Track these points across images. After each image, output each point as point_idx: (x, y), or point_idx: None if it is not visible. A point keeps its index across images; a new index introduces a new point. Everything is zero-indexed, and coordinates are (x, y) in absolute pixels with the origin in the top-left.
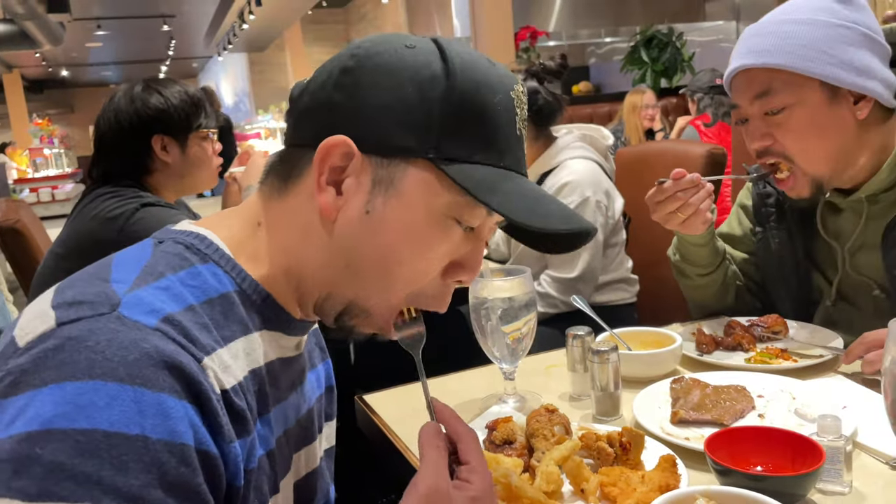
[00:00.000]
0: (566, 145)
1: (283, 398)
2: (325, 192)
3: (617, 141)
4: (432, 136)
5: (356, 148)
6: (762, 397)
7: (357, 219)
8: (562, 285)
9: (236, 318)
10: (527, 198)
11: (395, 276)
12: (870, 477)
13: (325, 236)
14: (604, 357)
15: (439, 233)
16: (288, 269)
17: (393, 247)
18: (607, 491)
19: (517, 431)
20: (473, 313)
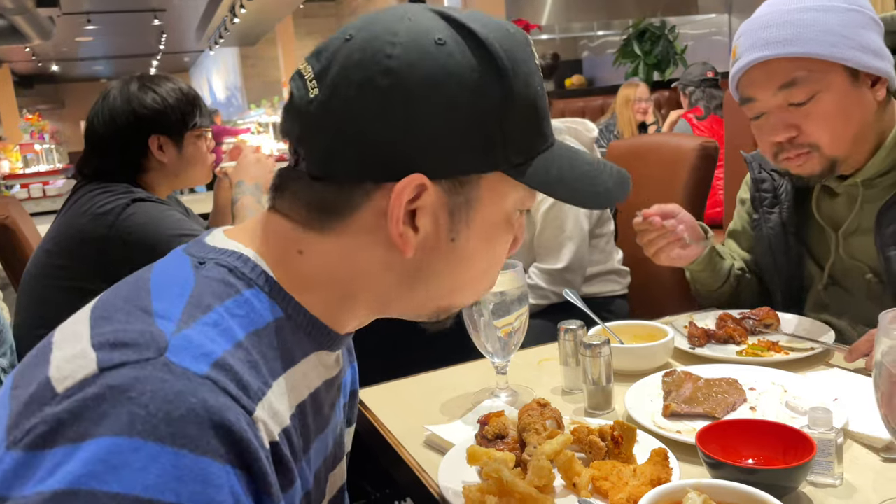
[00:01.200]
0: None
1: (325, 426)
2: (403, 236)
3: (610, 134)
4: (500, 149)
5: (427, 179)
6: (754, 390)
7: (441, 251)
8: (550, 276)
9: (285, 348)
10: (585, 176)
11: (484, 279)
12: (861, 469)
13: (398, 270)
14: (596, 351)
15: (508, 227)
16: (344, 297)
17: (481, 262)
18: (599, 485)
19: (509, 426)
20: (465, 309)
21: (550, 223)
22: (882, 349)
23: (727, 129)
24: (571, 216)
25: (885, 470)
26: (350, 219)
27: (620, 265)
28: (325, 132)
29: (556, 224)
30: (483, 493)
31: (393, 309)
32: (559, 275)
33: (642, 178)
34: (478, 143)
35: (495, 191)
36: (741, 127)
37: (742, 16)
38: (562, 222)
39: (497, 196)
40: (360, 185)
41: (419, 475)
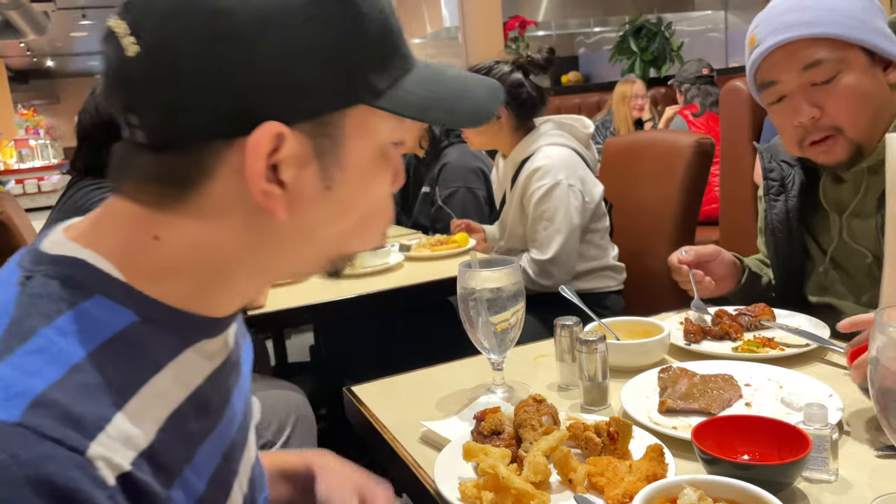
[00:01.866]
0: (544, 132)
1: (216, 423)
2: (268, 194)
3: (606, 131)
4: (358, 79)
5: (284, 126)
6: (749, 386)
7: (318, 201)
8: (537, 266)
9: (142, 356)
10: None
11: (375, 221)
12: (856, 465)
13: (274, 235)
14: (592, 347)
15: (385, 161)
16: (216, 277)
17: (364, 205)
18: (595, 481)
19: (505, 422)
20: (461, 304)
21: (540, 215)
22: (877, 345)
23: (723, 125)
24: (562, 209)
25: (880, 466)
26: (206, 188)
27: (616, 261)
28: (156, 92)
29: (546, 216)
30: (479, 489)
31: (281, 275)
32: (544, 265)
33: (638, 174)
34: (331, 76)
35: (363, 126)
36: (737, 123)
37: (738, 12)
38: (552, 214)
39: (366, 131)
40: (209, 147)
41: (415, 471)
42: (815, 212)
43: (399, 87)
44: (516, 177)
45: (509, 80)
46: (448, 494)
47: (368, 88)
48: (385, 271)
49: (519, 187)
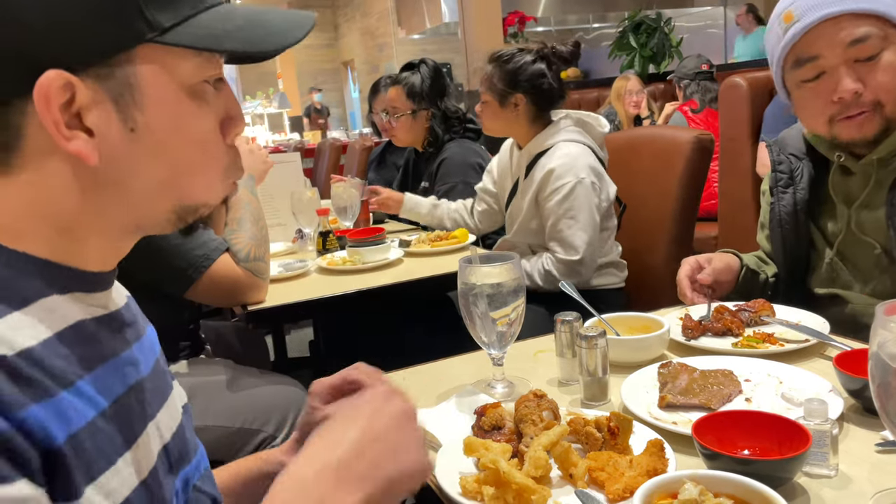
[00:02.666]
0: (563, 128)
1: (115, 353)
2: (74, 140)
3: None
4: (137, 16)
5: (70, 74)
6: (749, 381)
7: (127, 144)
8: (565, 267)
9: (6, 293)
10: (255, 24)
11: (202, 168)
12: (856, 460)
13: (97, 183)
14: (592, 342)
15: (198, 104)
16: (63, 232)
17: (181, 145)
18: (595, 476)
19: (506, 417)
20: (461, 299)
21: (564, 213)
22: (878, 340)
23: (722, 121)
24: (586, 207)
25: (880, 461)
26: (22, 147)
27: (619, 258)
28: None
29: (570, 215)
30: (480, 484)
31: (128, 226)
32: (573, 266)
33: (637, 170)
34: (108, 16)
35: (157, 64)
36: (736, 120)
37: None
38: (576, 213)
39: (162, 70)
40: (12, 106)
41: None
42: (822, 204)
43: (190, 24)
44: (530, 168)
45: (531, 69)
46: (449, 489)
47: (149, 25)
48: (384, 266)
49: (535, 181)
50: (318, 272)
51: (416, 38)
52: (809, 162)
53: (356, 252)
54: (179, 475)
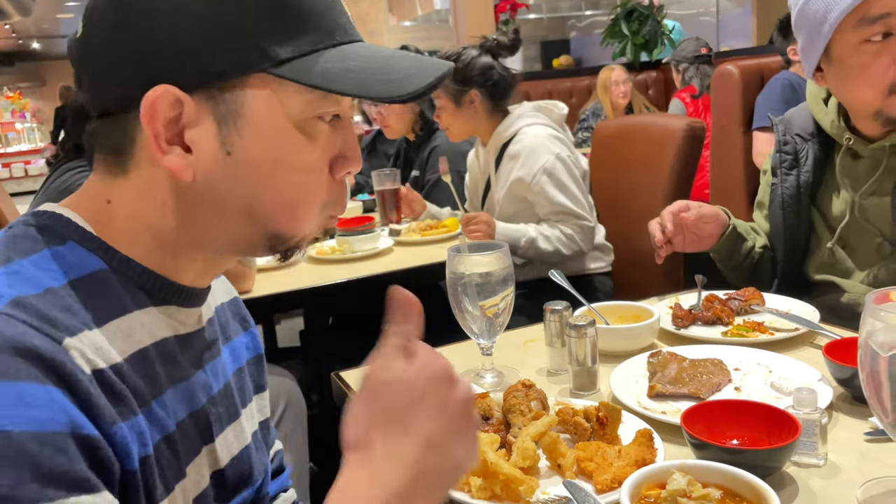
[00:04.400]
0: (521, 114)
1: (185, 376)
2: (170, 154)
3: (597, 118)
4: (254, 46)
5: (182, 92)
6: (739, 370)
7: (220, 165)
8: (582, 231)
9: (111, 299)
10: (377, 67)
11: (290, 200)
12: (845, 449)
13: (192, 199)
14: (581, 332)
15: (306, 138)
16: (163, 243)
17: (274, 176)
18: (584, 466)
19: (494, 407)
20: (450, 288)
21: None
22: (867, 329)
23: (714, 109)
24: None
25: (869, 450)
26: (135, 153)
27: (604, 240)
28: (89, 66)
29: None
30: (467, 475)
31: (219, 246)
32: (589, 232)
33: (629, 158)
34: (227, 44)
35: (269, 97)
36: (728, 108)
37: None
38: (566, 185)
39: (270, 100)
40: (129, 114)
41: None
42: (826, 188)
43: (308, 60)
44: (499, 161)
45: (479, 63)
46: None
47: (266, 57)
48: (374, 256)
49: (508, 170)
50: (308, 261)
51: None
52: (816, 143)
53: (345, 241)
54: (234, 501)
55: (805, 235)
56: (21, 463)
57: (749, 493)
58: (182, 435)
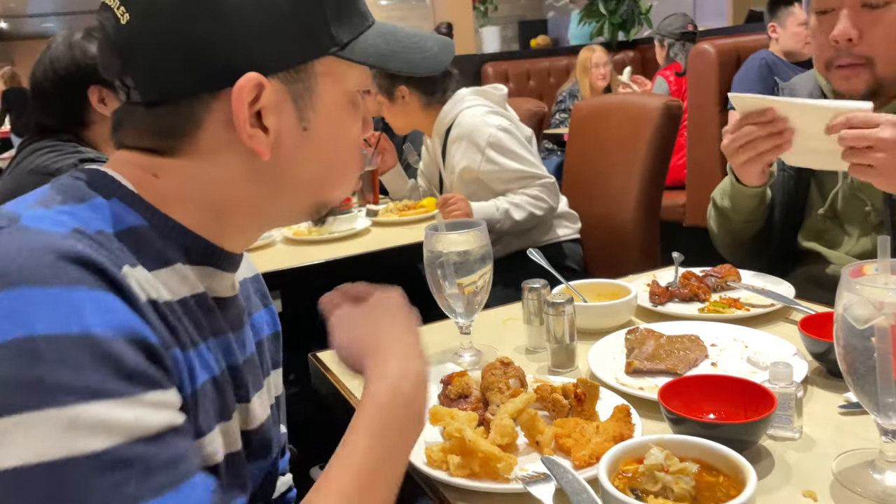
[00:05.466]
0: (459, 99)
1: (224, 331)
2: (254, 138)
3: (574, 99)
4: (324, 30)
5: (262, 76)
6: (715, 346)
7: (297, 143)
8: (545, 188)
9: (153, 252)
10: (413, 45)
11: (347, 165)
12: (820, 422)
13: (262, 176)
14: (559, 309)
15: (355, 109)
16: (217, 214)
17: (338, 147)
18: (562, 442)
19: (472, 385)
20: (428, 268)
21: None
22: (843, 303)
23: (691, 88)
24: (518, 145)
25: (844, 423)
26: (197, 136)
27: (568, 208)
28: (146, 53)
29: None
30: (445, 453)
31: (272, 217)
32: (552, 187)
33: (606, 137)
34: (302, 29)
35: (332, 74)
36: (704, 88)
37: None
38: (515, 151)
39: (335, 79)
40: (198, 99)
41: None
42: None
43: (360, 41)
44: (445, 149)
45: None
46: (414, 459)
47: (333, 40)
48: (352, 237)
49: (455, 155)
50: (284, 242)
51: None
52: None
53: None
54: (255, 466)
55: (802, 200)
56: (107, 361)
57: (725, 467)
58: (224, 382)
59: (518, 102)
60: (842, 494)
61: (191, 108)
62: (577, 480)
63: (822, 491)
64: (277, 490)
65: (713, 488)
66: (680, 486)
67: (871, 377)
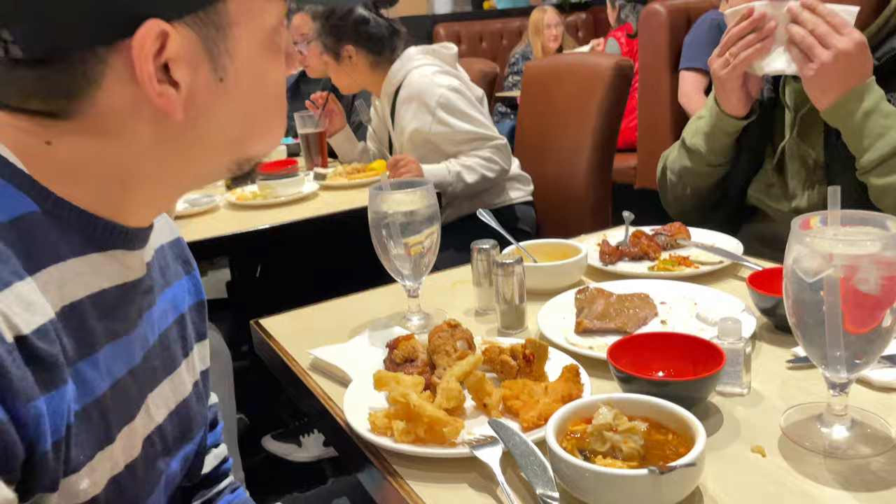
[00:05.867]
0: (408, 58)
1: (126, 330)
2: (164, 96)
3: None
4: None
5: (165, 23)
6: (665, 304)
7: (214, 97)
8: (497, 150)
9: (43, 244)
10: None
11: (274, 112)
12: (768, 377)
13: (176, 137)
14: (508, 270)
15: (277, 49)
16: (121, 185)
17: (260, 96)
18: (510, 404)
19: (419, 349)
20: (373, 229)
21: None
22: (793, 256)
23: (642, 49)
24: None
25: (791, 377)
26: (95, 97)
27: (520, 170)
28: (28, 4)
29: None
30: (390, 419)
31: (188, 182)
32: (503, 148)
33: (558, 98)
34: None
35: (247, 12)
36: (655, 49)
37: None
38: (465, 112)
39: (251, 17)
40: (92, 53)
41: (326, 404)
42: (779, 108)
43: None
44: (394, 110)
45: (352, 18)
46: (357, 426)
47: None
48: (299, 201)
49: (405, 116)
50: (228, 207)
51: None
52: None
53: (267, 186)
54: (178, 455)
55: (760, 153)
56: None
57: (675, 424)
58: (118, 395)
59: (469, 63)
60: (790, 449)
61: (84, 65)
62: (525, 443)
63: (770, 446)
64: (209, 464)
65: (662, 446)
66: (629, 446)
67: (820, 330)
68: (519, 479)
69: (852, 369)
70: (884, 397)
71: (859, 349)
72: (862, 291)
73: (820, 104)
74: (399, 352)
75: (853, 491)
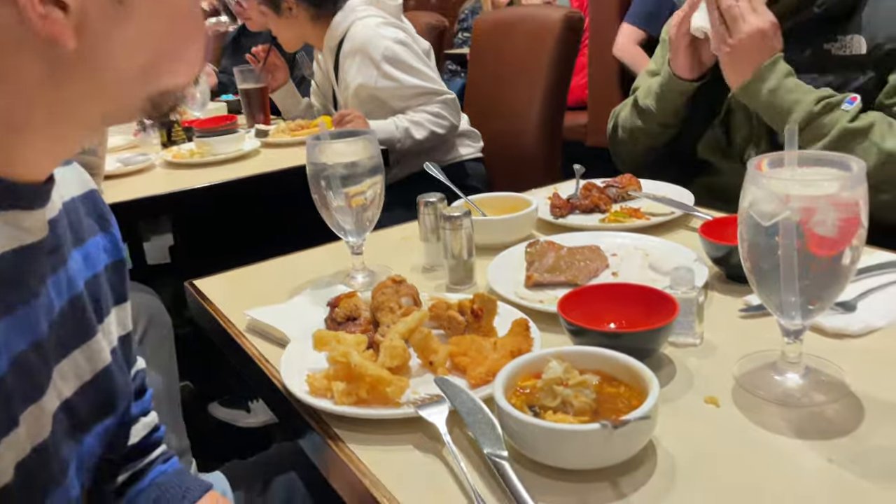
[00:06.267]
0: (350, 9)
1: (25, 299)
2: (48, 19)
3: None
4: None
5: None
6: (616, 256)
7: (112, 20)
8: (446, 105)
9: None
10: None
11: (183, 44)
12: (720, 327)
13: (69, 71)
14: (456, 223)
15: None
16: (8, 131)
17: (170, 17)
18: (458, 361)
19: (361, 306)
20: (312, 182)
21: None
22: (749, 199)
23: (592, 4)
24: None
25: (744, 326)
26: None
27: (470, 126)
28: None
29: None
30: (329, 380)
31: (91, 125)
32: (453, 103)
33: (509, 51)
34: None
35: None
36: (605, 2)
37: None
38: (412, 66)
39: None
40: None
41: (263, 367)
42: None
43: None
44: (337, 64)
45: None
46: (295, 389)
47: None
48: (240, 158)
49: (349, 69)
50: (164, 167)
51: None
52: None
53: (205, 143)
54: (95, 429)
55: (707, 112)
56: None
57: (627, 377)
58: (19, 373)
59: (415, 16)
60: (743, 398)
61: None
62: (472, 400)
63: (723, 396)
64: (137, 435)
65: (614, 399)
66: (580, 400)
67: (775, 276)
68: (467, 439)
69: (807, 315)
70: (837, 344)
71: (814, 294)
72: (818, 234)
73: (732, 84)
74: (340, 310)
75: (808, 439)
